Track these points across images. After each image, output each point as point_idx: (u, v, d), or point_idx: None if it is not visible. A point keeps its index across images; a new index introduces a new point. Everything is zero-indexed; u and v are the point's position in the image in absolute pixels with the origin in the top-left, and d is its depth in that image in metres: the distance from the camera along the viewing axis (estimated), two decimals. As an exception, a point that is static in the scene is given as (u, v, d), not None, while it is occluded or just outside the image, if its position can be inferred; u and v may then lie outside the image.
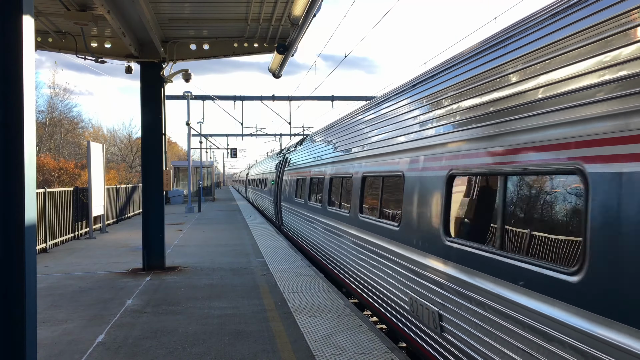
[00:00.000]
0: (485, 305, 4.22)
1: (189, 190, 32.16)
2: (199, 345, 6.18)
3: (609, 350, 2.89)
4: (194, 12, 9.86)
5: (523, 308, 3.68)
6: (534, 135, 3.76)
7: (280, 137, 53.46)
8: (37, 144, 43.41)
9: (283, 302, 8.13)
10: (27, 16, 3.93)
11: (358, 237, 8.32)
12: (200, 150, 45.15)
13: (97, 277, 10.46)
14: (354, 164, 8.92)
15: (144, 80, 11.21)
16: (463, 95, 5.05)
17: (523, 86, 3.97)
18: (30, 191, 3.95)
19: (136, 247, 14.09)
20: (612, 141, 3.01)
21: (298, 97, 36.92)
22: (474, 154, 4.66)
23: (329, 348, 5.98)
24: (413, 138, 6.25)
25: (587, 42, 3.35)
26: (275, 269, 11.04)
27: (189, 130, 31.95)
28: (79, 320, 7.32)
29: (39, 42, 10.44)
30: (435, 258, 5.35)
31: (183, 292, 8.98)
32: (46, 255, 13.43)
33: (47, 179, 36.23)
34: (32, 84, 3.99)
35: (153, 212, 11.20)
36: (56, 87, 53.85)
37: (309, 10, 8.48)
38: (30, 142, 3.97)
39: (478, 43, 5.15)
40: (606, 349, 2.91)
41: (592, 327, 3.02)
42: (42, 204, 13.83)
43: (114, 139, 69.40)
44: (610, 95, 3.06)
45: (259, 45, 11.57)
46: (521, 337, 3.69)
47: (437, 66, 6.13)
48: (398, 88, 7.49)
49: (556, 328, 3.32)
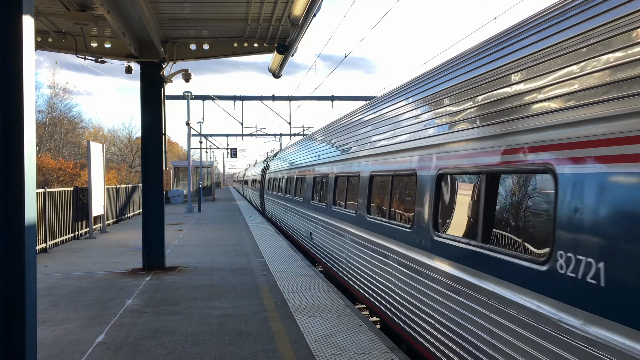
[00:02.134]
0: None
1: (189, 190, 32.16)
2: (199, 345, 6.17)
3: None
4: (194, 12, 9.86)
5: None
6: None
7: (280, 137, 53.47)
8: (37, 144, 43.41)
9: (283, 302, 8.13)
10: (27, 16, 3.93)
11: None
12: (200, 150, 45.12)
13: (97, 277, 10.46)
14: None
15: (144, 80, 11.21)
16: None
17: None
18: (30, 191, 3.95)
19: (136, 247, 14.09)
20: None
21: (298, 97, 36.97)
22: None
23: (329, 348, 5.98)
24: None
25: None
26: (275, 269, 11.03)
27: (189, 130, 31.96)
28: (79, 320, 7.31)
29: (39, 42, 10.44)
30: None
31: (183, 292, 8.98)
32: (46, 255, 13.43)
33: (47, 179, 36.21)
34: (32, 84, 3.99)
35: (153, 212, 11.19)
36: (56, 87, 53.61)
37: (309, 10, 8.49)
38: (30, 142, 3.97)
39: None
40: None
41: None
42: (42, 204, 13.83)
43: (114, 139, 69.45)
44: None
45: (259, 45, 11.57)
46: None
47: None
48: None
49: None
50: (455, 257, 4.90)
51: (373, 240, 7.57)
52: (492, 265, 4.21)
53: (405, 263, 6.18)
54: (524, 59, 4.08)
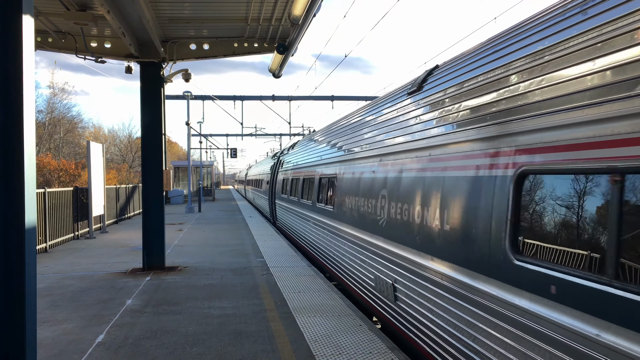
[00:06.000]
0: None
1: (189, 190, 32.16)
2: (199, 345, 6.18)
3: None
4: (194, 12, 9.86)
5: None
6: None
7: (280, 137, 53.51)
8: (37, 144, 43.41)
9: (283, 302, 8.13)
10: (27, 16, 3.93)
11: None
12: (200, 150, 45.14)
13: (97, 277, 10.46)
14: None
15: (143, 80, 11.21)
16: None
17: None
18: (30, 191, 3.95)
19: (136, 247, 14.09)
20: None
21: (298, 97, 36.96)
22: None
23: (329, 348, 5.98)
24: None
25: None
26: (275, 268, 11.03)
27: (188, 130, 31.95)
28: (79, 320, 7.31)
29: (39, 42, 10.44)
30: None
31: (183, 292, 8.98)
32: (46, 255, 13.43)
33: (47, 179, 36.20)
34: (32, 84, 4.00)
35: (153, 212, 11.19)
36: (55, 88, 53.58)
37: (309, 10, 8.49)
38: (30, 142, 3.97)
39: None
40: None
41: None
42: (42, 204, 13.83)
43: (114, 139, 69.42)
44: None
45: (259, 45, 11.57)
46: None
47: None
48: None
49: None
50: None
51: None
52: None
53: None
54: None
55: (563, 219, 3.48)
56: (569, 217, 3.44)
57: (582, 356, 3.03)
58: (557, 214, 3.52)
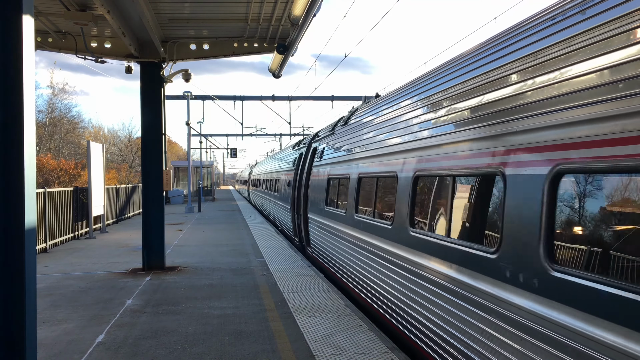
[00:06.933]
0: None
1: (189, 190, 32.17)
2: (199, 345, 6.18)
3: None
4: (194, 12, 9.86)
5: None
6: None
7: (280, 137, 53.51)
8: (37, 144, 43.42)
9: (283, 302, 8.13)
10: (27, 16, 3.93)
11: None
12: (200, 150, 45.17)
13: (97, 277, 10.46)
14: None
15: (143, 80, 11.21)
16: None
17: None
18: (30, 191, 3.95)
19: (136, 247, 14.09)
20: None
21: (298, 97, 37.00)
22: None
23: (328, 348, 5.98)
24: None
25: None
26: (275, 268, 11.03)
27: (188, 130, 31.96)
28: (79, 320, 7.31)
29: (39, 42, 10.44)
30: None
31: (183, 292, 8.98)
32: (46, 255, 13.43)
33: (47, 179, 36.21)
34: (32, 84, 4.00)
35: (153, 212, 11.19)
36: (55, 88, 53.61)
37: (309, 10, 8.49)
38: (30, 142, 3.97)
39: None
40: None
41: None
42: (42, 204, 13.83)
43: (114, 139, 69.44)
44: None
45: (259, 45, 11.57)
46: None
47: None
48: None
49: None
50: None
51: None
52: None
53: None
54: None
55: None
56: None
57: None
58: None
